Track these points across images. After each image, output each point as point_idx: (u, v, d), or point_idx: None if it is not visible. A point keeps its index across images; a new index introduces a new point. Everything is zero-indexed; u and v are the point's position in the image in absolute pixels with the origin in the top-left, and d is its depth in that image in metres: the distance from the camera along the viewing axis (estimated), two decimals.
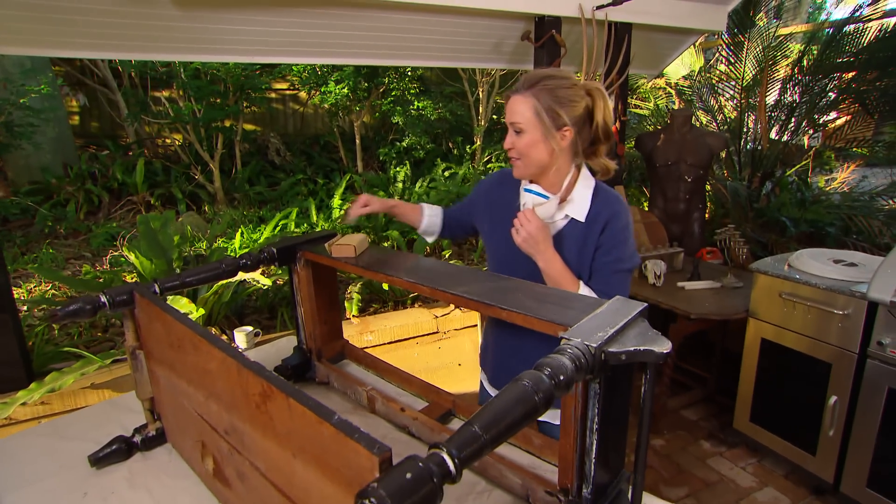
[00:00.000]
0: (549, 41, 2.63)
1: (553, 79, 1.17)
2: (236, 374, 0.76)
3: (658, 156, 3.14)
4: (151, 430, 1.17)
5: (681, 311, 2.41)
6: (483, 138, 6.84)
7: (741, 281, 2.67)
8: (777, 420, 2.35)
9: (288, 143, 6.86)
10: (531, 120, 1.16)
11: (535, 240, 1.17)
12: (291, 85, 6.78)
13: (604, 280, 1.22)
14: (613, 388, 0.89)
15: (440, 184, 5.85)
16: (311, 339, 1.58)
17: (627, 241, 1.24)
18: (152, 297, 1.03)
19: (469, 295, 1.06)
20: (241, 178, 5.94)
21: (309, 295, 1.54)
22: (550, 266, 1.19)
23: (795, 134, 4.41)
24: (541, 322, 0.93)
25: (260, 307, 3.24)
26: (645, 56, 3.41)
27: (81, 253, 4.24)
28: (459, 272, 1.24)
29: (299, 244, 1.48)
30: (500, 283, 1.13)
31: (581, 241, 1.23)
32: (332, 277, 1.61)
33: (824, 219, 3.96)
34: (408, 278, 1.19)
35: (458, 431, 0.61)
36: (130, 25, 2.25)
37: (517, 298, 1.02)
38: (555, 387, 0.71)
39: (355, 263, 1.32)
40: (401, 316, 3.13)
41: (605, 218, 1.22)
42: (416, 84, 6.43)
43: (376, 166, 6.98)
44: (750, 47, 4.20)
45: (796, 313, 2.20)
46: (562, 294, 1.04)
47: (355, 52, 2.93)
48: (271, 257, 1.41)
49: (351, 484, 0.62)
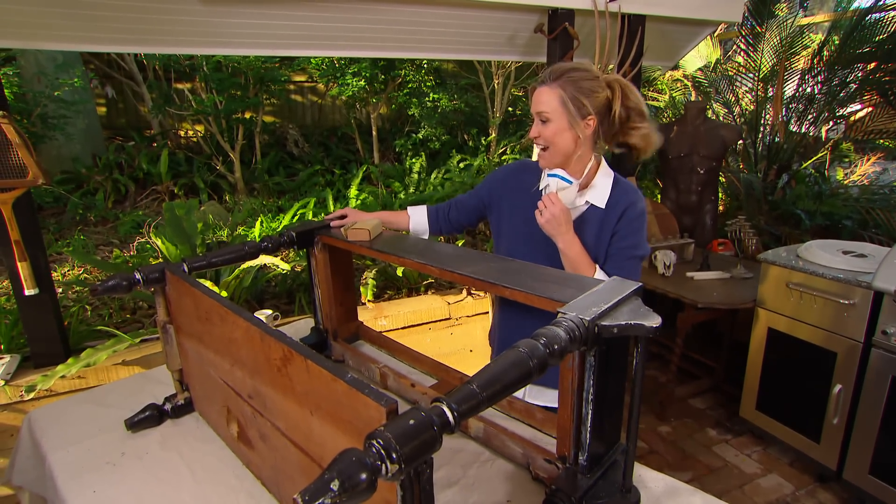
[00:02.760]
0: (562, 33, 2.66)
1: (577, 71, 1.24)
2: (259, 340, 0.84)
3: (671, 147, 3.15)
4: (180, 399, 1.26)
5: (688, 301, 2.44)
6: (498, 130, 6.86)
7: (751, 272, 2.68)
8: (783, 408, 2.38)
9: (306, 134, 6.95)
10: (557, 109, 1.22)
11: (557, 221, 1.22)
12: (310, 77, 6.87)
13: (618, 265, 1.28)
14: (608, 361, 0.95)
15: (455, 175, 5.89)
16: (328, 319, 1.65)
17: (642, 230, 1.30)
18: (182, 274, 1.11)
19: (475, 275, 1.13)
20: (260, 168, 6.06)
21: (326, 277, 1.61)
22: (570, 248, 1.24)
23: (814, 125, 4.36)
24: (540, 299, 0.99)
25: (279, 292, 3.33)
26: (659, 48, 3.41)
27: (110, 240, 4.39)
28: (468, 255, 1.30)
29: (317, 228, 1.55)
30: (506, 265, 1.19)
31: (599, 226, 1.29)
32: (348, 261, 1.68)
33: (841, 212, 3.93)
34: (419, 259, 1.26)
35: (458, 388, 0.67)
36: (156, 20, 2.34)
37: (520, 278, 1.08)
38: (549, 355, 0.77)
39: (369, 247, 1.39)
40: (414, 302, 3.19)
41: (624, 206, 1.28)
42: (432, 76, 6.47)
43: (392, 157, 7.04)
44: (769, 38, 4.16)
45: (804, 303, 2.23)
46: (563, 275, 1.10)
47: (372, 45, 2.98)
48: (291, 241, 1.49)
49: (362, 434, 0.69)
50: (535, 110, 1.25)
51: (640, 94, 1.31)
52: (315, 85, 7.06)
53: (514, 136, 7.11)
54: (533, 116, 1.28)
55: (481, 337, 3.21)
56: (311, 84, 7.13)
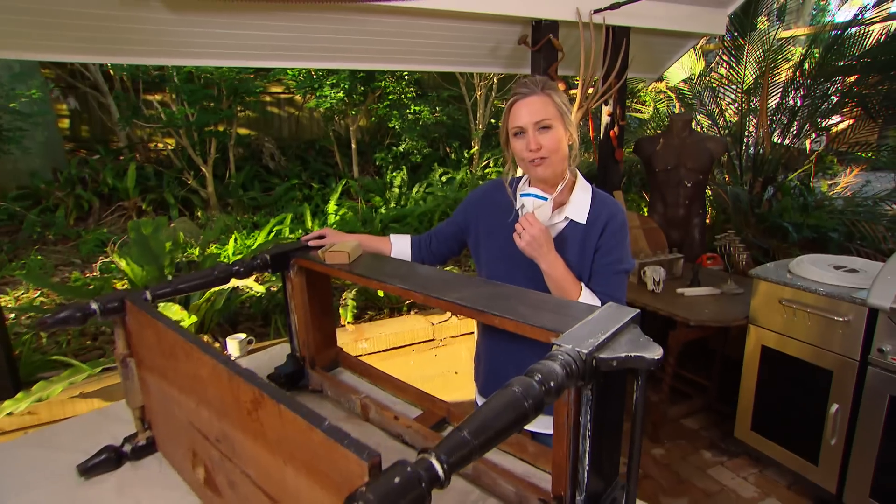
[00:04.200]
0: (546, 45, 2.66)
1: (553, 83, 1.28)
2: (227, 381, 0.78)
3: (657, 161, 3.16)
4: (141, 439, 1.18)
5: (680, 318, 2.43)
6: (481, 143, 6.88)
7: (741, 287, 2.69)
8: (779, 429, 2.37)
9: (283, 147, 6.89)
10: (556, 115, 1.25)
11: (538, 242, 1.21)
12: (286, 88, 6.82)
13: (604, 281, 1.27)
14: (606, 394, 0.90)
15: (437, 189, 5.89)
16: (305, 346, 1.59)
17: (625, 242, 1.30)
18: (143, 304, 1.05)
19: (462, 301, 1.08)
20: (234, 183, 5.97)
21: (302, 302, 1.55)
22: (553, 269, 1.22)
23: (797, 138, 4.45)
24: (533, 329, 0.95)
25: (253, 314, 3.24)
26: (644, 60, 3.45)
27: (71, 259, 4.25)
28: (454, 279, 1.26)
29: (293, 251, 1.49)
30: (494, 290, 1.15)
31: (581, 242, 1.28)
32: (326, 284, 1.62)
33: (827, 224, 3.99)
34: (401, 285, 1.21)
35: (448, 437, 0.63)
36: (123, 29, 2.27)
37: (510, 305, 1.04)
38: (545, 393, 0.73)
39: (349, 270, 1.34)
40: (396, 323, 3.14)
41: (605, 220, 1.28)
42: (413, 88, 6.47)
43: (372, 171, 7.01)
44: (751, 50, 4.25)
45: (797, 320, 2.22)
46: (556, 301, 1.06)
47: (351, 56, 2.96)
48: (264, 264, 1.43)
49: (341, 490, 0.63)
50: (532, 120, 1.24)
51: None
52: (292, 96, 7.01)
53: (498, 148, 7.14)
54: (517, 130, 1.26)
55: (466, 358, 3.16)
56: (288, 95, 7.07)
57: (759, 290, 2.36)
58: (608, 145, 3.21)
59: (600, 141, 3.31)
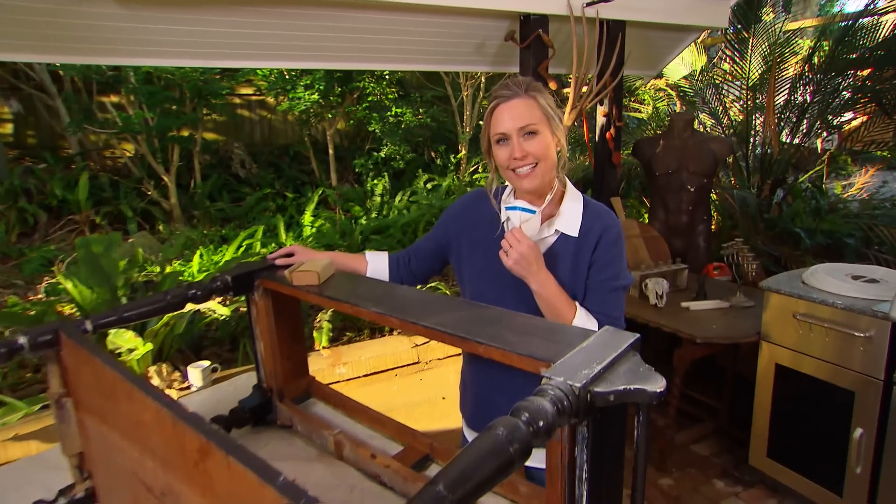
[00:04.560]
0: (535, 41, 2.66)
1: (535, 82, 1.26)
2: (171, 427, 0.74)
3: (658, 164, 3.17)
4: (79, 490, 1.13)
5: (685, 335, 2.41)
6: (468, 147, 6.88)
7: (752, 300, 2.68)
8: (798, 456, 2.34)
9: (254, 153, 6.85)
10: (542, 119, 1.23)
11: (527, 260, 1.18)
12: (257, 90, 6.79)
13: (600, 300, 1.25)
14: (604, 431, 0.87)
15: (422, 197, 5.87)
16: (272, 377, 1.55)
17: (621, 256, 1.28)
18: (80, 337, 1.00)
19: (442, 327, 1.05)
20: (200, 193, 5.91)
21: (269, 328, 1.51)
22: (545, 288, 1.20)
23: (808, 137, 4.48)
24: (521, 358, 0.92)
25: (220, 338, 3.19)
26: (641, 56, 3.46)
27: (11, 280, 4.14)
28: (435, 301, 1.23)
29: (257, 271, 1.46)
30: (479, 313, 1.11)
31: (574, 257, 1.26)
32: (295, 308, 1.59)
33: (842, 229, 4.01)
34: (376, 309, 1.18)
35: (421, 492, 0.59)
36: (68, 26, 2.23)
37: (496, 331, 1.01)
38: (533, 435, 0.70)
39: (319, 293, 1.31)
40: (377, 345, 3.10)
41: (598, 232, 1.26)
42: (395, 88, 6.48)
43: (352, 178, 6.99)
44: (756, 44, 4.29)
45: (813, 336, 2.21)
46: (546, 325, 1.03)
47: (326, 55, 2.93)
48: (225, 287, 1.39)
49: None
50: (517, 125, 1.22)
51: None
52: (264, 98, 6.97)
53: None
54: (500, 137, 1.24)
55: (454, 382, 3.10)
56: (260, 97, 7.04)
57: (771, 304, 2.35)
58: (604, 148, 3.21)
59: (596, 143, 3.31)
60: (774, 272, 3.26)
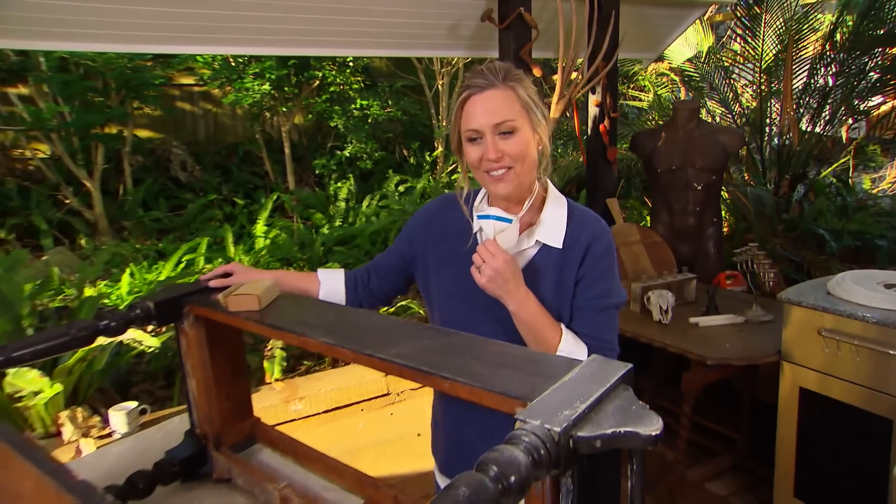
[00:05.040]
0: (516, 21, 2.66)
1: (514, 69, 1.25)
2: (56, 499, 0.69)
3: (660, 159, 3.19)
4: None
5: (695, 356, 2.41)
6: (445, 143, 6.89)
7: (770, 313, 2.70)
8: (829, 495, 2.34)
9: (197, 153, 6.79)
10: (522, 113, 1.21)
11: (503, 278, 1.17)
12: (200, 79, 6.73)
13: (590, 321, 1.25)
14: (593, 481, 0.85)
15: (393, 201, 5.86)
16: (207, 421, 1.51)
17: (612, 270, 1.28)
18: None
19: (402, 359, 1.03)
20: (131, 200, 5.82)
21: (202, 362, 1.48)
22: (524, 309, 1.19)
23: (831, 125, 4.55)
24: (491, 395, 0.90)
25: (152, 372, 3.13)
26: (639, 36, 3.49)
27: None
28: (394, 327, 1.21)
29: (186, 295, 1.42)
30: (446, 341, 1.10)
31: (558, 272, 1.26)
32: (235, 337, 1.55)
33: (873, 230, 4.07)
34: (325, 339, 1.16)
35: None
36: None
37: (464, 363, 0.99)
38: (503, 493, 0.67)
39: (259, 320, 1.28)
40: (341, 375, 3.08)
41: (585, 242, 1.25)
42: (360, 77, 6.48)
43: (312, 181, 6.95)
44: (769, 20, 4.33)
45: (842, 355, 2.21)
46: (523, 355, 1.01)
47: (278, 39, 2.92)
48: (147, 315, 1.35)
49: None
50: (492, 122, 1.20)
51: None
52: (206, 89, 6.91)
53: None
54: (472, 135, 1.22)
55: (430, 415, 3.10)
56: (202, 88, 6.97)
57: (793, 318, 2.35)
58: (598, 142, 3.22)
59: (588, 138, 3.32)
60: (796, 281, 3.28)
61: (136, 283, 4.13)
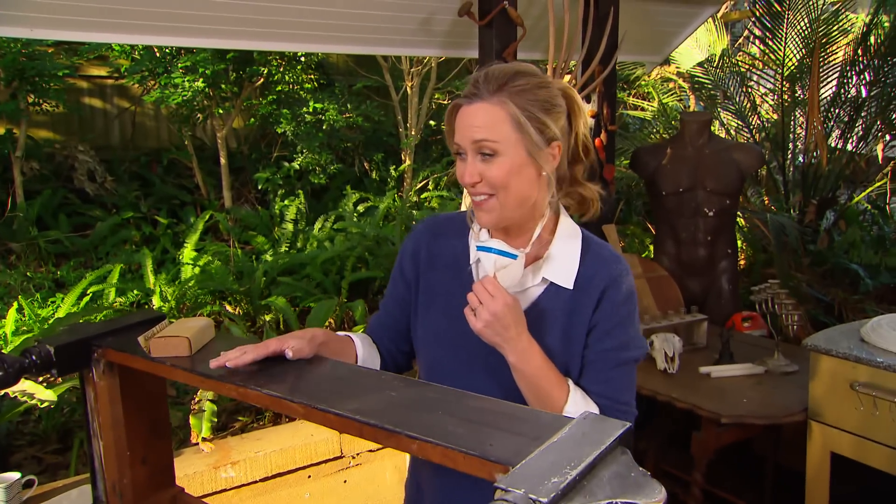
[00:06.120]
0: (499, 17, 2.71)
1: (525, 76, 1.22)
2: None
3: (665, 179, 3.24)
4: None
5: (707, 413, 2.42)
6: (414, 155, 6.95)
7: (794, 363, 2.73)
8: None
9: (109, 161, 6.73)
10: (510, 136, 1.19)
11: (502, 323, 1.16)
12: (114, 71, 6.69)
13: (602, 377, 1.25)
14: None
15: (351, 223, 5.87)
16: (115, 493, 1.49)
17: (632, 318, 1.28)
18: None
19: (361, 416, 1.04)
20: (22, 217, 5.73)
21: (114, 420, 1.47)
22: (526, 362, 1.19)
23: (864, 141, 4.65)
24: (467, 459, 0.91)
25: (44, 433, 3.09)
26: (642, 36, 3.58)
27: None
28: (354, 377, 1.22)
29: (96, 337, 1.42)
30: (415, 393, 1.11)
31: (567, 317, 1.26)
32: (157, 388, 1.55)
33: None
34: (270, 391, 1.16)
35: None
36: None
37: (436, 420, 1.00)
38: None
39: (189, 368, 1.28)
40: (284, 433, 3.05)
41: (602, 284, 1.25)
42: (313, 75, 6.52)
43: (253, 198, 6.93)
44: (793, 19, 4.43)
45: (880, 414, 2.23)
46: (506, 411, 1.03)
47: (215, 28, 2.93)
48: (45, 362, 1.33)
49: None
50: (470, 139, 1.19)
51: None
52: (124, 83, 6.87)
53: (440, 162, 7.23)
54: (458, 149, 1.23)
55: (393, 485, 3.08)
56: (117, 81, 6.93)
57: (821, 369, 2.38)
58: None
59: None
60: (825, 324, 3.33)
61: (27, 321, 4.06)
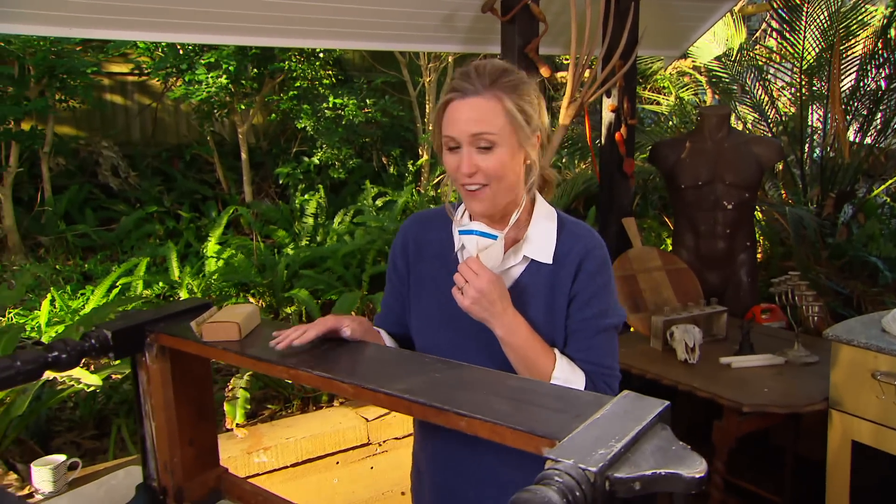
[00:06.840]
0: (522, 14, 2.73)
1: (511, 72, 1.31)
2: None
3: (684, 173, 3.25)
4: None
5: (728, 402, 2.44)
6: (432, 150, 6.96)
7: (815, 353, 2.73)
8: None
9: (132, 156, 6.76)
10: (505, 128, 1.27)
11: (488, 299, 1.23)
12: (137, 68, 6.73)
13: (585, 344, 1.32)
14: None
15: (370, 217, 5.89)
16: (168, 471, 1.54)
17: (609, 287, 1.36)
18: None
19: (411, 395, 1.08)
20: (50, 211, 5.79)
21: (165, 402, 1.51)
22: (513, 334, 1.26)
23: (884, 134, 4.62)
24: (516, 434, 0.95)
25: (81, 420, 3.14)
26: (661, 31, 3.59)
27: None
28: (398, 360, 1.26)
29: (150, 322, 1.46)
30: (458, 374, 1.15)
31: (549, 290, 1.33)
32: (203, 372, 1.60)
33: None
34: (319, 372, 1.20)
35: None
36: None
37: (482, 399, 1.04)
38: None
39: (239, 351, 1.32)
40: (313, 421, 3.10)
41: (578, 256, 1.33)
42: (332, 71, 6.53)
43: (274, 192, 6.96)
44: (811, 12, 4.39)
45: None
46: (548, 391, 1.07)
47: (237, 25, 2.96)
48: (103, 346, 1.38)
49: None
50: (469, 132, 1.26)
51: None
52: (147, 80, 6.92)
53: None
54: (451, 142, 1.29)
55: None
56: (140, 78, 6.97)
57: (841, 359, 2.38)
58: (613, 153, 3.29)
59: (602, 147, 3.38)
60: (844, 316, 3.33)
61: (58, 312, 4.12)
